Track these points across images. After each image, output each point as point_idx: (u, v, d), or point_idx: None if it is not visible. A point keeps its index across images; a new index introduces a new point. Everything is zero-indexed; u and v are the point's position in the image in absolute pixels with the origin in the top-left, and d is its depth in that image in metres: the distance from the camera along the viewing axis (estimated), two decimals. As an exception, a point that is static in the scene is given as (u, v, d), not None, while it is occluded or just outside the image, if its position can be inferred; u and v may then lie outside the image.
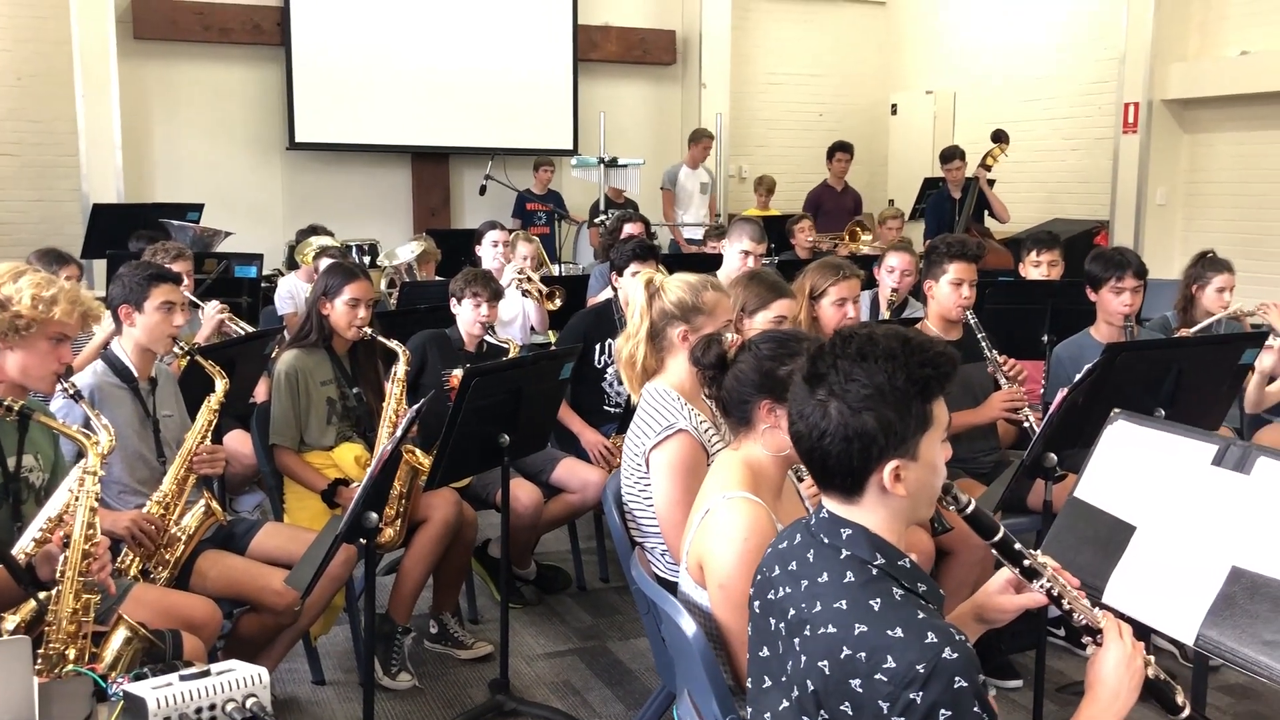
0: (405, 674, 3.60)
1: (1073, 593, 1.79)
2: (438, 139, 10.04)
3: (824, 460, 1.65)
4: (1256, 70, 8.24)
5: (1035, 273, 5.15)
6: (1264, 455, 2.06)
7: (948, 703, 1.49)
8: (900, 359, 1.62)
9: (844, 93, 12.05)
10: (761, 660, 1.78)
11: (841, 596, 1.61)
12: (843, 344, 1.67)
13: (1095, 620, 1.77)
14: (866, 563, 1.64)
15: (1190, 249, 5.58)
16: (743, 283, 3.40)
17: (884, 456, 1.62)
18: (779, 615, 1.72)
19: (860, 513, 1.68)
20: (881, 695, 1.51)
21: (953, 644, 1.51)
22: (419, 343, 4.23)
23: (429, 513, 3.60)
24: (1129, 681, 1.71)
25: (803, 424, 1.67)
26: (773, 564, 1.79)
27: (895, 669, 1.51)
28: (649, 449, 2.69)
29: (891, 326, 1.73)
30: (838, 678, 1.56)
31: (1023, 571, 1.79)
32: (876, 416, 1.60)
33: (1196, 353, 3.45)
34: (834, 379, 1.63)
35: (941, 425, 1.68)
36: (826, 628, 1.59)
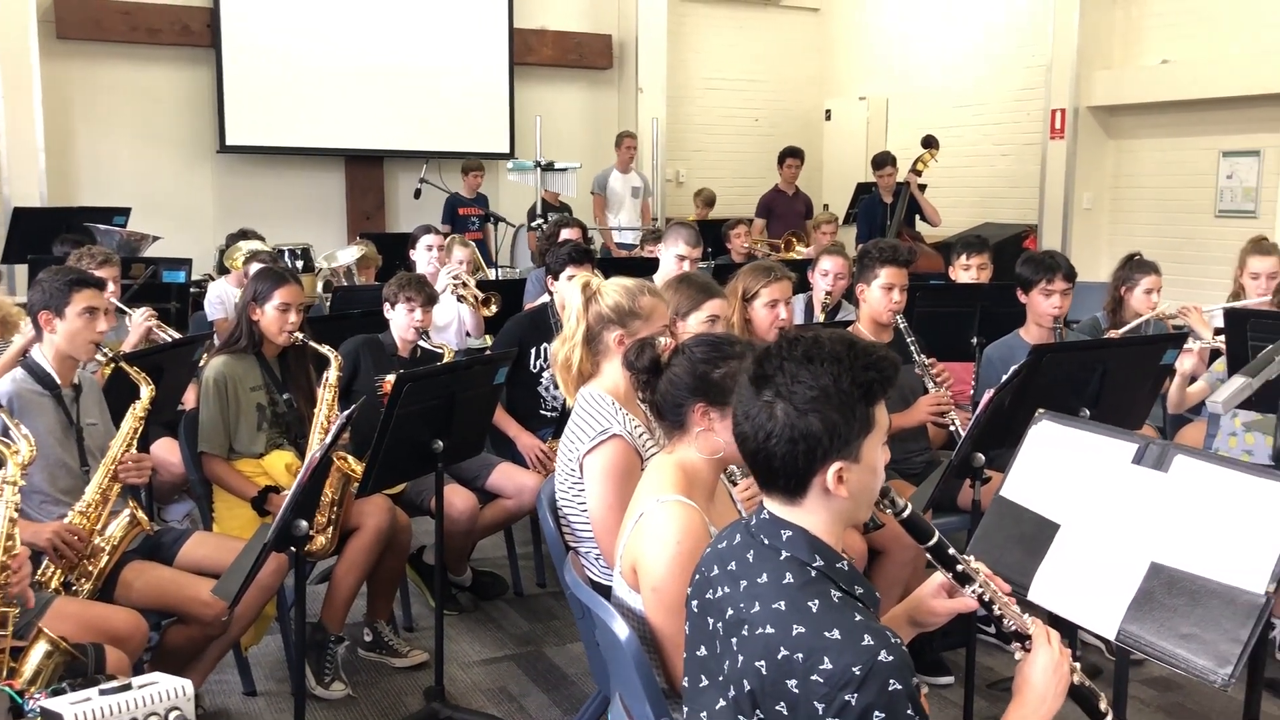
0: (339, 683, 3.56)
1: (1003, 599, 1.83)
2: (372, 142, 9.95)
3: (769, 461, 1.67)
4: (1177, 78, 8.47)
5: (965, 276, 5.24)
6: (1181, 453, 2.11)
7: (882, 705, 1.50)
8: (846, 362, 1.64)
9: (779, 98, 12.16)
10: (699, 659, 1.78)
11: (780, 597, 1.62)
12: (789, 346, 1.69)
13: (1024, 626, 1.81)
14: (805, 564, 1.65)
15: (1116, 252, 5.72)
16: (674, 286, 3.41)
17: (828, 458, 1.64)
18: (717, 615, 1.73)
19: (801, 514, 1.69)
20: (817, 696, 1.53)
21: (888, 647, 1.53)
22: (352, 348, 4.18)
23: (362, 520, 3.56)
24: (1055, 686, 1.75)
25: (748, 425, 1.68)
26: (712, 564, 1.80)
27: (831, 670, 1.52)
28: (583, 454, 2.68)
29: (837, 330, 1.75)
30: (774, 678, 1.57)
31: (956, 576, 1.83)
32: (822, 418, 1.62)
33: (1119, 354, 3.53)
34: (781, 380, 1.65)
35: (883, 429, 1.71)
36: (764, 628, 1.61)
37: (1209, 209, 8.54)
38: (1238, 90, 8.01)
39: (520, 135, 10.17)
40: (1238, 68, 8.00)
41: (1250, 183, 8.26)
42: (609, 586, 2.41)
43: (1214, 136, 8.49)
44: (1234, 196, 8.38)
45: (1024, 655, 1.80)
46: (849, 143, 11.55)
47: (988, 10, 10.32)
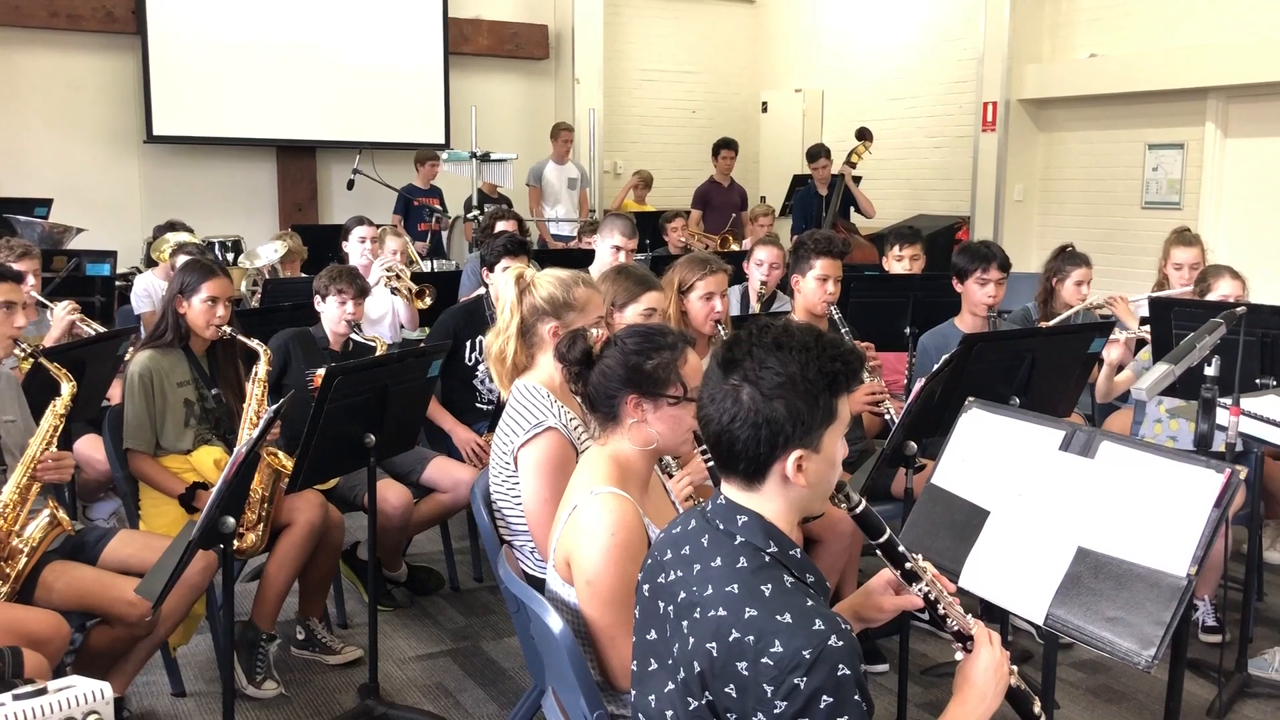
0: (271, 682, 3.49)
1: (948, 599, 1.86)
2: (304, 132, 9.80)
3: (731, 444, 1.67)
4: (1104, 72, 8.63)
5: (898, 267, 5.29)
6: (1107, 440, 2.15)
7: (830, 689, 1.52)
8: (814, 352, 1.66)
9: (716, 90, 12.19)
10: (649, 643, 1.79)
11: (733, 581, 1.63)
12: (759, 333, 1.70)
13: (967, 627, 1.84)
14: (760, 550, 1.66)
15: (1047, 243, 5.82)
16: (611, 277, 3.40)
17: (789, 445, 1.65)
18: (669, 599, 1.73)
19: (758, 500, 1.70)
20: (766, 678, 1.54)
21: (838, 632, 1.55)
22: (282, 342, 4.11)
23: (293, 516, 3.50)
24: (995, 686, 1.78)
25: (713, 407, 1.69)
26: (665, 548, 1.80)
27: (782, 653, 1.53)
28: (517, 447, 2.66)
29: (805, 322, 1.75)
30: (724, 660, 1.58)
31: (904, 574, 1.85)
32: (787, 405, 1.63)
33: (1048, 343, 3.59)
34: (749, 365, 1.66)
35: (844, 422, 1.72)
36: (717, 610, 1.61)
37: (1136, 201, 8.72)
38: (1162, 84, 8.18)
39: (456, 126, 10.08)
40: (1162, 62, 8.17)
41: (1175, 175, 8.45)
42: (544, 580, 2.40)
43: (1140, 130, 8.66)
44: (1159, 188, 8.57)
45: (965, 655, 1.83)
46: (785, 135, 11.62)
47: (921, 3, 10.43)
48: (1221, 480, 1.94)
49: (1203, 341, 2.23)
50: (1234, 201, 8.21)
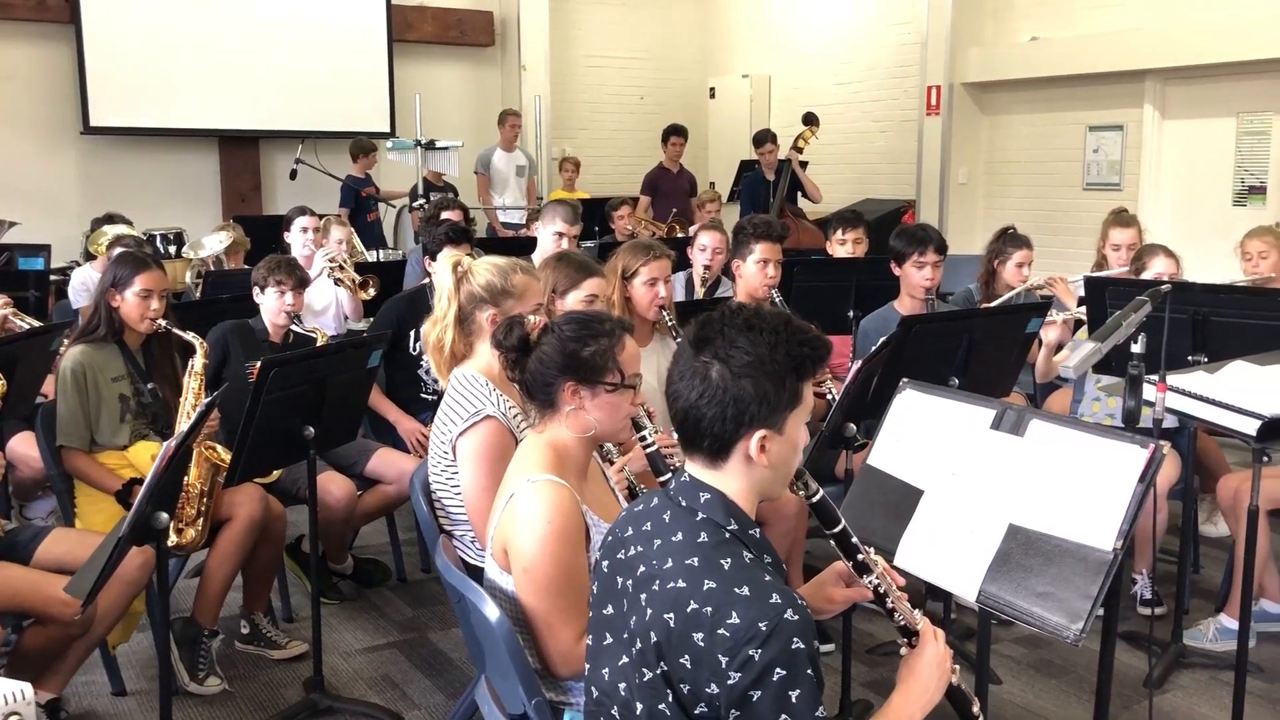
0: (214, 678, 3.46)
1: (897, 593, 1.88)
2: (246, 122, 9.65)
3: (698, 421, 1.70)
4: (1046, 55, 8.73)
5: (841, 251, 5.32)
6: (1036, 418, 2.17)
7: (784, 662, 1.54)
8: (783, 334, 1.70)
9: (664, 76, 12.18)
10: (604, 618, 1.80)
11: (694, 554, 1.66)
12: (732, 314, 1.74)
13: (913, 622, 1.86)
14: (721, 526, 1.69)
15: (991, 226, 5.87)
16: (552, 264, 3.38)
17: (754, 425, 1.68)
18: (628, 573, 1.75)
19: (722, 478, 1.73)
20: (722, 649, 1.55)
21: (794, 607, 1.57)
22: (220, 334, 4.05)
23: (233, 510, 3.46)
24: (937, 680, 1.81)
25: (683, 384, 1.72)
26: (626, 525, 1.82)
27: (738, 625, 1.55)
28: (455, 436, 2.65)
29: (775, 308, 1.78)
30: (681, 630, 1.60)
31: (856, 566, 1.87)
32: (754, 384, 1.66)
33: (985, 324, 3.62)
34: (720, 344, 1.69)
35: (807, 407, 1.76)
36: (676, 582, 1.64)
37: (1077, 182, 8.84)
38: (1102, 67, 8.29)
39: (401, 114, 9.98)
40: (1102, 45, 8.28)
41: (1115, 156, 8.57)
42: (485, 569, 2.39)
43: (1081, 112, 8.78)
44: (1100, 170, 8.69)
45: (909, 650, 1.86)
46: (733, 120, 11.64)
47: (865, -13, 10.49)
48: (1146, 455, 1.97)
49: (1129, 319, 2.26)
50: (1172, 182, 8.35)
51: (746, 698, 1.54)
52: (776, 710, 1.54)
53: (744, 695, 1.54)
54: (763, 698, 1.53)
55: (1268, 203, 7.72)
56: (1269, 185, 7.72)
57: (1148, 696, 3.38)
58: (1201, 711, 3.37)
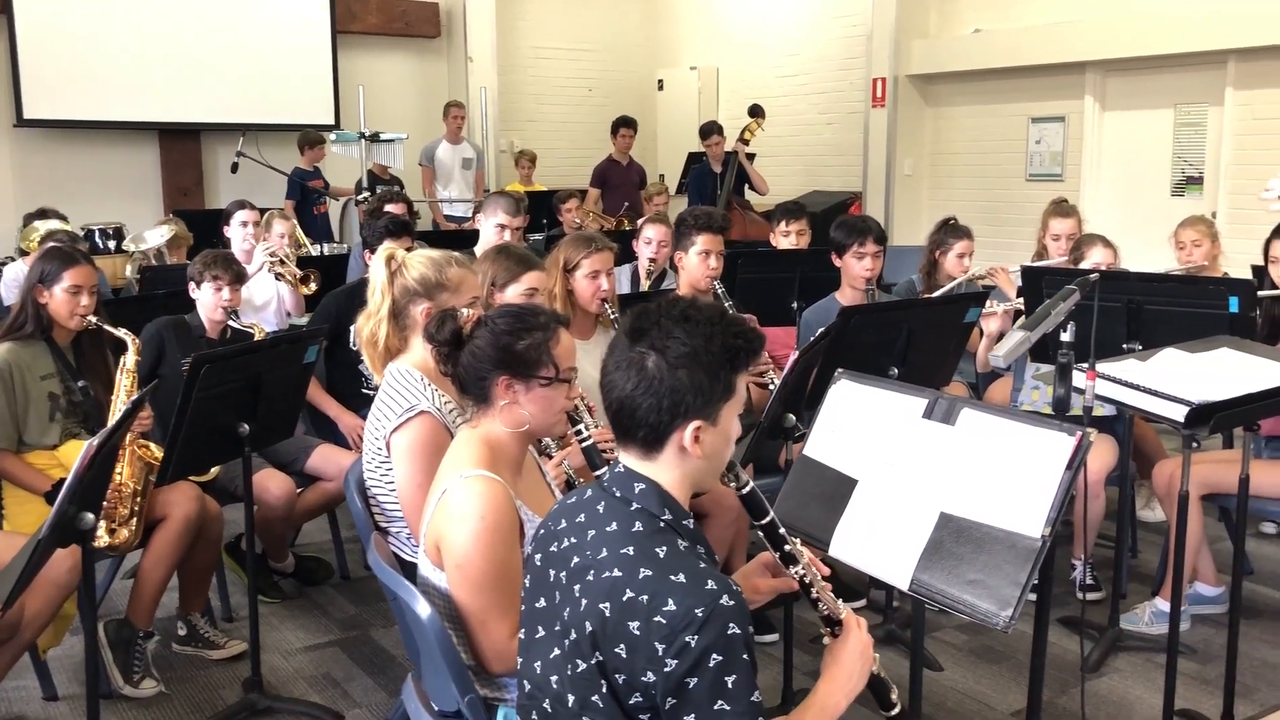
0: (149, 680, 3.39)
1: (822, 583, 1.90)
2: (187, 115, 9.50)
3: (633, 412, 1.70)
4: (989, 47, 8.82)
5: (785, 242, 5.33)
6: (967, 407, 2.19)
7: (720, 648, 1.54)
8: (719, 326, 1.70)
9: (612, 68, 12.15)
10: (537, 611, 1.79)
11: (629, 543, 1.65)
12: (668, 305, 1.74)
13: (837, 611, 1.88)
14: (655, 516, 1.69)
15: (936, 217, 5.91)
16: (491, 257, 3.35)
17: (689, 416, 1.68)
18: (561, 565, 1.74)
19: (656, 469, 1.73)
20: (658, 637, 1.55)
21: (729, 592, 1.57)
22: (155, 331, 3.99)
23: (168, 510, 3.40)
24: (860, 668, 1.83)
25: (618, 374, 1.71)
26: (559, 517, 1.81)
27: (675, 611, 1.55)
28: (389, 432, 2.61)
29: (712, 300, 1.78)
30: (617, 619, 1.59)
31: (782, 556, 1.88)
32: (690, 375, 1.66)
33: (924, 314, 3.65)
34: (655, 335, 1.69)
35: (740, 399, 1.76)
36: (611, 571, 1.63)
37: (1020, 173, 8.94)
38: (1043, 59, 8.39)
39: (345, 106, 9.88)
40: (1043, 37, 8.37)
41: (1056, 147, 8.68)
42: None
43: (1023, 104, 8.88)
44: (1042, 161, 8.79)
45: (833, 639, 1.87)
46: (681, 112, 11.64)
47: (811, -20, 10.52)
48: (1073, 443, 1.99)
49: (1058, 308, 2.29)
50: (1112, 172, 8.47)
51: (683, 685, 1.54)
52: (713, 696, 1.54)
53: (680, 682, 1.54)
54: (699, 684, 1.54)
55: (1205, 193, 7.85)
56: (1206, 176, 7.84)
57: (1077, 679, 3.43)
58: (1136, 694, 3.42)
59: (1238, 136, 7.53)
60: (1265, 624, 3.90)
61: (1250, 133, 7.44)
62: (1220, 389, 2.65)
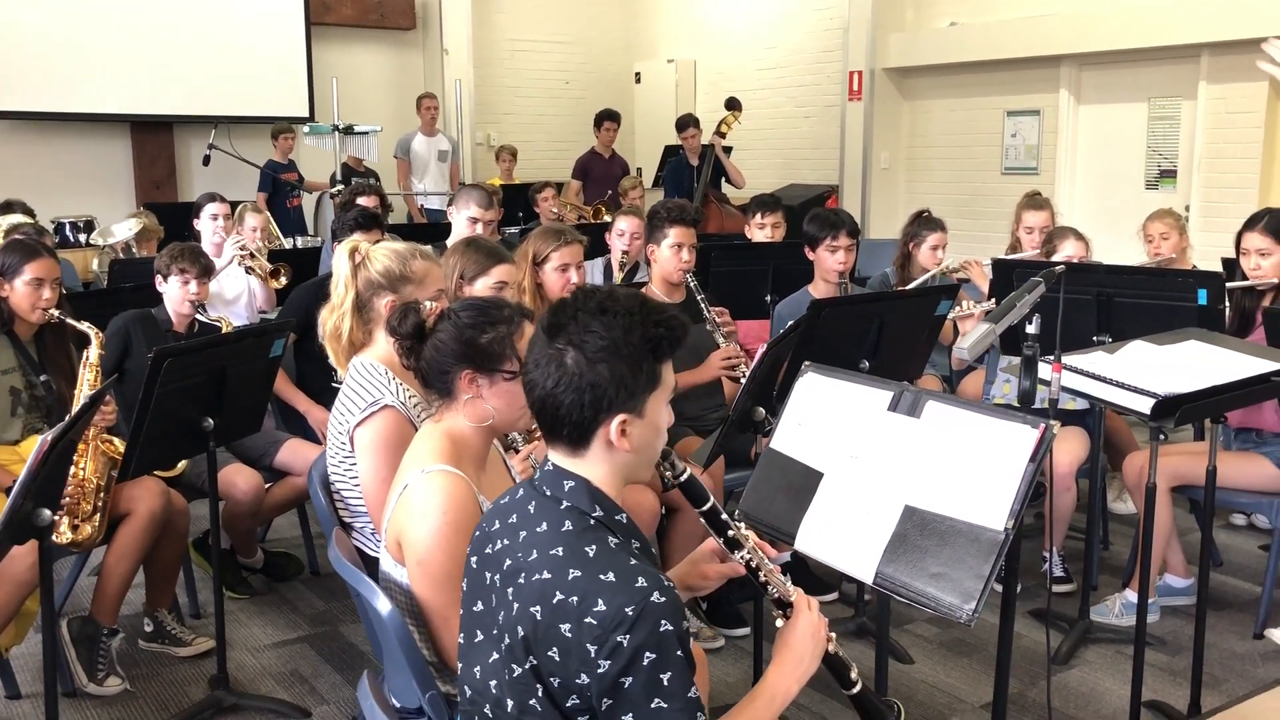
0: (114, 678, 3.36)
1: (769, 566, 1.88)
2: (160, 107, 9.40)
3: (555, 409, 1.67)
4: (965, 41, 8.82)
5: (760, 235, 5.32)
6: (932, 399, 2.18)
7: (653, 646, 1.52)
8: (637, 317, 1.67)
9: (589, 61, 12.10)
10: (475, 615, 1.76)
11: (558, 544, 1.63)
12: (584, 298, 1.70)
13: (787, 594, 1.86)
14: (585, 513, 1.66)
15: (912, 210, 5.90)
16: (460, 250, 3.32)
17: (613, 409, 1.65)
18: (495, 568, 1.71)
19: (584, 465, 1.70)
20: (590, 638, 1.53)
21: (661, 589, 1.55)
22: (121, 325, 3.94)
23: (132, 505, 3.36)
24: (812, 650, 1.81)
25: (538, 372, 1.68)
26: (493, 519, 1.79)
27: (605, 612, 1.53)
28: (353, 426, 2.59)
29: (630, 289, 1.76)
30: (548, 622, 1.57)
31: (726, 542, 1.87)
32: (610, 368, 1.63)
33: (895, 306, 3.64)
34: (573, 330, 1.65)
35: (668, 388, 1.74)
36: (541, 574, 1.60)
37: (996, 166, 8.96)
38: (1019, 52, 8.40)
39: (320, 99, 9.79)
40: (1019, 31, 8.38)
41: (1032, 140, 8.70)
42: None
43: (999, 97, 8.89)
44: (1018, 154, 8.81)
45: (785, 621, 1.85)
46: (659, 105, 11.61)
47: (788, -28, 10.50)
48: (1036, 435, 1.99)
49: (1022, 300, 2.28)
50: (1087, 166, 8.50)
51: (618, 685, 1.52)
52: (649, 695, 1.52)
53: (615, 683, 1.52)
54: (634, 683, 1.52)
55: (1179, 186, 7.88)
56: (1179, 169, 7.88)
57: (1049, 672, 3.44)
58: (1105, 685, 3.43)
59: (1210, 130, 7.57)
60: (1234, 615, 3.92)
61: (1223, 126, 7.48)
62: (1187, 381, 2.65)
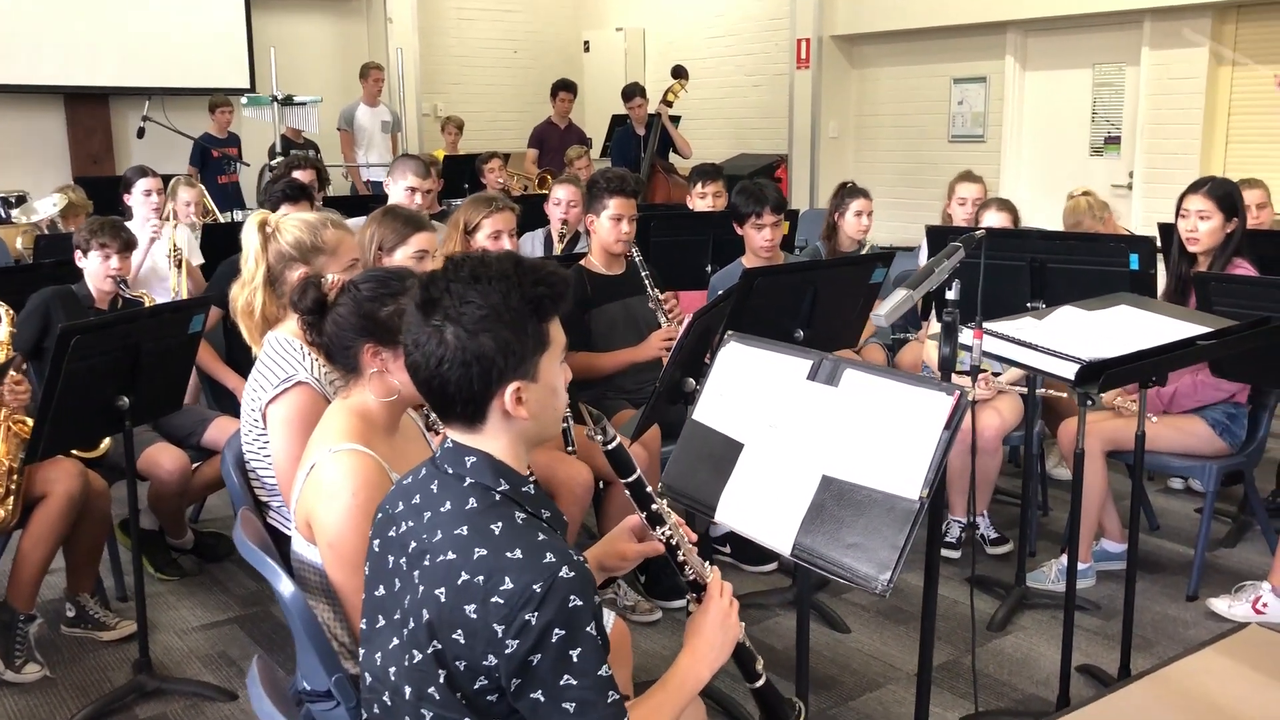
0: (33, 664, 3.27)
1: (689, 546, 1.84)
2: (95, 79, 9.15)
3: (444, 388, 1.60)
4: (911, 7, 8.78)
5: (701, 204, 5.27)
6: (850, 368, 2.14)
7: (562, 622, 1.47)
8: (514, 279, 1.59)
9: (538, 29, 11.95)
10: (376, 600, 1.70)
11: (463, 523, 1.57)
12: (455, 269, 1.61)
13: (703, 577, 1.82)
14: (490, 489, 1.60)
15: (862, 179, 5.88)
16: (377, 219, 3.24)
17: (504, 379, 1.59)
18: (399, 551, 1.65)
19: (484, 440, 1.64)
20: (497, 618, 1.48)
21: (570, 563, 1.50)
22: (40, 301, 3.83)
23: (48, 487, 3.26)
24: (724, 636, 1.77)
25: (419, 353, 1.60)
26: (396, 500, 1.72)
27: (512, 590, 1.48)
28: (265, 403, 2.51)
29: (504, 250, 1.68)
30: (452, 604, 1.52)
31: (649, 517, 1.81)
32: (494, 337, 1.56)
33: (829, 275, 3.60)
34: (448, 303, 1.57)
35: (559, 346, 1.67)
36: (446, 554, 1.55)
37: (943, 134, 8.95)
38: (964, 19, 8.37)
39: (261, 69, 9.57)
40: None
41: (979, 108, 8.69)
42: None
43: (945, 64, 8.87)
44: (965, 122, 8.80)
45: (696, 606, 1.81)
46: (608, 74, 11.47)
47: (735, -61, 10.40)
48: (950, 402, 1.96)
49: (941, 266, 2.24)
50: (1033, 133, 8.50)
51: (526, 663, 1.48)
52: (558, 672, 1.48)
53: (524, 661, 1.48)
54: (543, 660, 1.47)
55: (1122, 153, 7.91)
56: (1123, 136, 7.90)
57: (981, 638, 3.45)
58: (1039, 650, 3.43)
59: (1153, 96, 7.59)
60: (1168, 578, 3.95)
61: (1165, 92, 7.50)
62: (1113, 346, 2.64)
